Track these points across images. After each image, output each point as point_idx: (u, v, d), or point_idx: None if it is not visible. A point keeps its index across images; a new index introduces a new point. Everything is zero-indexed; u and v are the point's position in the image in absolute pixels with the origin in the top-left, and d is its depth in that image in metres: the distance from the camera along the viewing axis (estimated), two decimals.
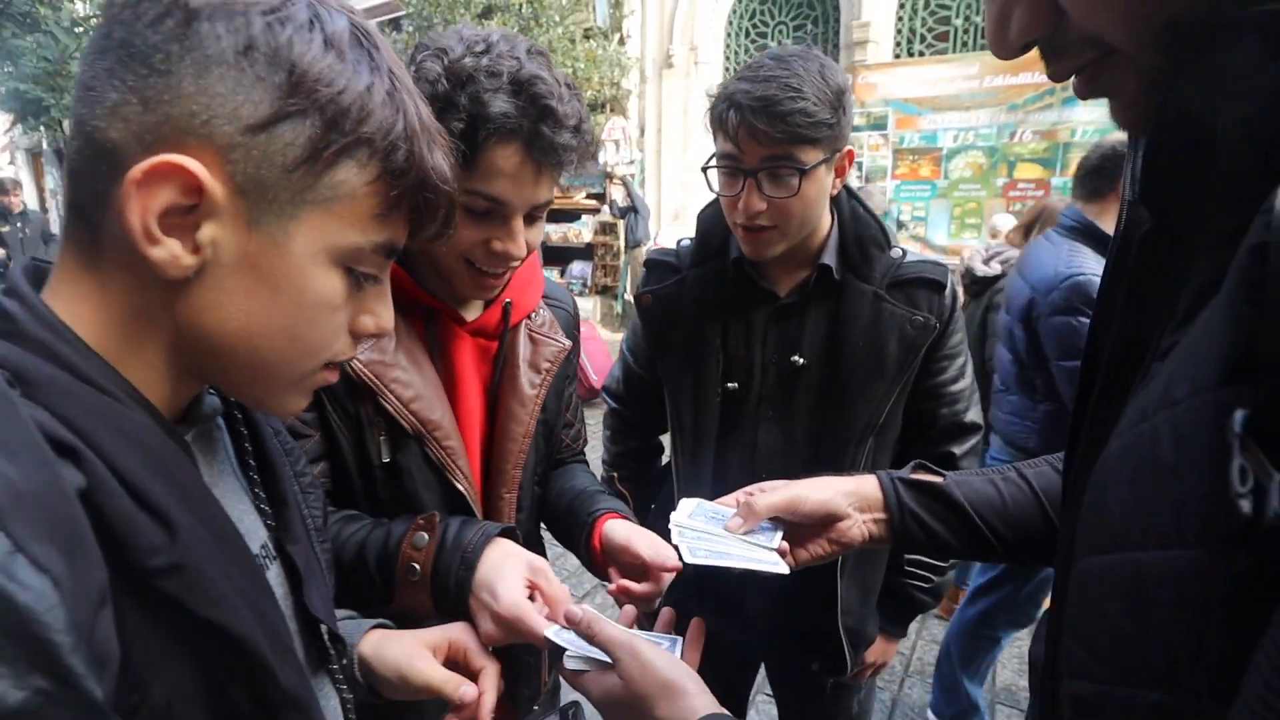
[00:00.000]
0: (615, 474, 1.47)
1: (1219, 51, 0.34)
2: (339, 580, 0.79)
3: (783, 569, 0.85)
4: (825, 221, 1.20)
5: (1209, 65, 0.35)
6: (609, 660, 0.68)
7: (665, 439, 1.54)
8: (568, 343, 1.07)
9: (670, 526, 0.89)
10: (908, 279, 1.18)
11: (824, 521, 0.87)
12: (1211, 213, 0.37)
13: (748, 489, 0.93)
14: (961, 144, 7.68)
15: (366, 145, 0.47)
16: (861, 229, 1.21)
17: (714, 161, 1.14)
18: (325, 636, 0.64)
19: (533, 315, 1.06)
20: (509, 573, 0.80)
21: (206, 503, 0.48)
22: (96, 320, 0.46)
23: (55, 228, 7.35)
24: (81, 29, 5.61)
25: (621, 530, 0.94)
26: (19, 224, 7.12)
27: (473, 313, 0.99)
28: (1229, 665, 0.28)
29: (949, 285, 1.19)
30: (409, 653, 0.76)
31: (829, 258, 1.19)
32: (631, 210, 8.41)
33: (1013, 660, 2.85)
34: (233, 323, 0.47)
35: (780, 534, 0.88)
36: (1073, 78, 0.44)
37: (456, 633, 0.79)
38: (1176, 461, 0.32)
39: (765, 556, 0.86)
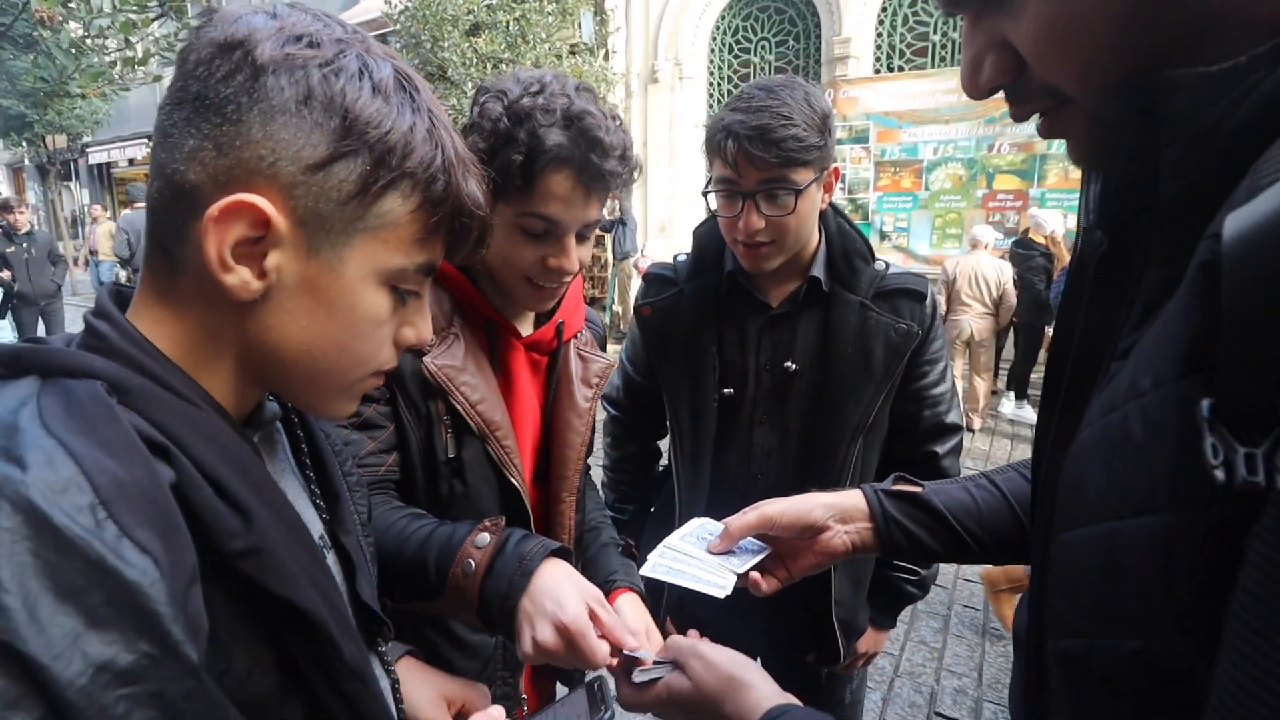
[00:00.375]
0: (616, 493, 1.56)
1: (1159, 106, 0.41)
2: (395, 570, 0.84)
3: (720, 593, 0.85)
4: (814, 237, 1.28)
5: (1150, 117, 0.42)
6: (671, 667, 0.72)
7: (663, 444, 1.61)
8: (611, 359, 1.17)
9: (661, 545, 0.95)
10: (891, 290, 1.27)
11: (804, 535, 0.91)
12: (1155, 237, 0.45)
13: (743, 511, 0.94)
14: (942, 156, 7.85)
15: (410, 178, 0.52)
16: (848, 243, 1.29)
17: (712, 186, 1.22)
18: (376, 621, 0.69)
19: (578, 335, 1.16)
20: (572, 589, 0.80)
21: (275, 495, 0.54)
22: (175, 337, 0.52)
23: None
24: (78, 51, 5.62)
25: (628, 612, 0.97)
26: (24, 244, 6.95)
27: (527, 328, 1.08)
28: (1196, 606, 0.35)
29: (929, 295, 1.28)
30: (428, 699, 0.81)
31: (818, 270, 1.27)
32: (619, 223, 8.50)
33: (999, 659, 2.92)
34: (294, 338, 0.53)
35: (759, 557, 0.92)
36: (1035, 118, 0.51)
37: (473, 693, 0.85)
38: (1145, 442, 0.39)
39: (717, 578, 0.87)
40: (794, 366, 1.28)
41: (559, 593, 0.78)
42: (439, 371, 0.95)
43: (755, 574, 0.91)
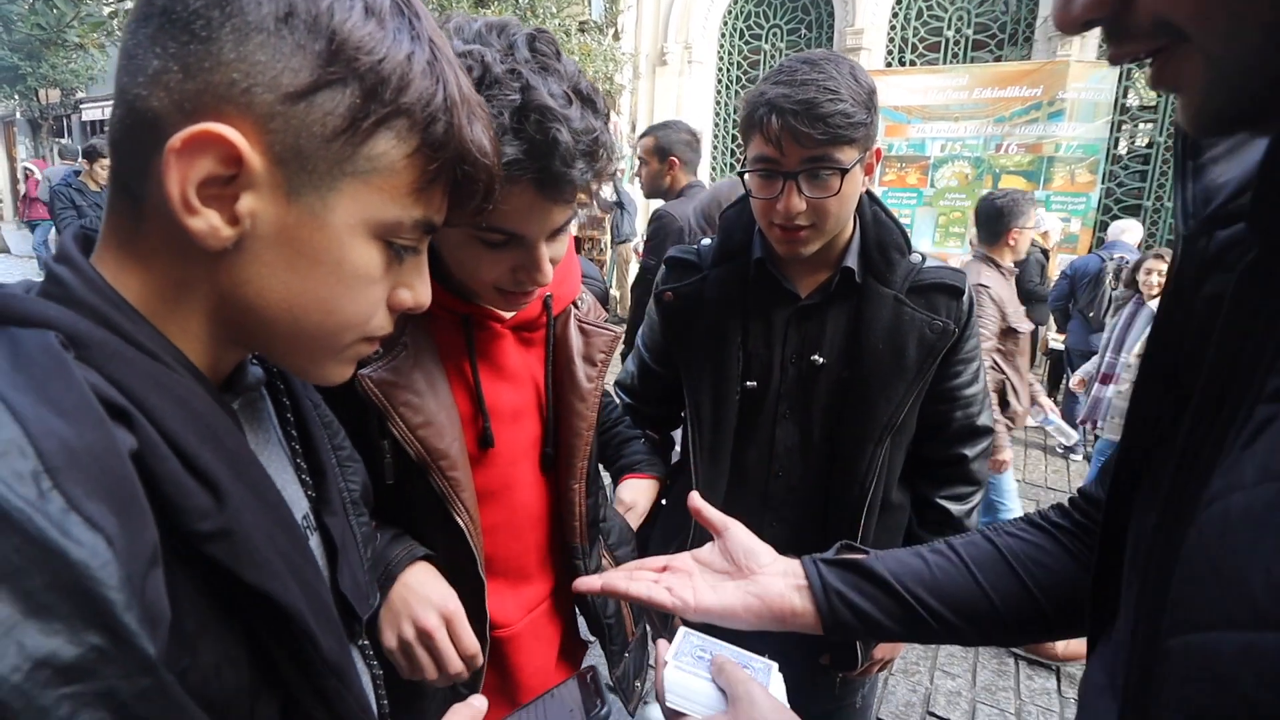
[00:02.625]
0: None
1: None
2: None
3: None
4: (850, 224, 1.22)
5: None
6: (711, 706, 0.67)
7: (675, 434, 1.56)
8: (618, 330, 1.06)
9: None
10: (927, 284, 1.21)
11: (732, 569, 0.80)
12: None
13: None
14: (949, 154, 7.78)
15: (406, 116, 0.46)
16: (884, 234, 1.23)
17: (749, 165, 1.15)
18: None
19: (578, 303, 1.05)
20: (435, 593, 0.87)
21: (254, 470, 0.48)
22: (141, 289, 0.45)
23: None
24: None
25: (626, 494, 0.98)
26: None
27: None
28: None
29: (967, 292, 1.22)
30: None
31: (851, 260, 1.21)
32: (617, 205, 8.40)
33: (992, 660, 2.91)
34: (273, 295, 0.47)
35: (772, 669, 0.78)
36: (1146, 65, 0.41)
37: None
38: None
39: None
40: (821, 360, 1.23)
41: (426, 586, 0.87)
42: (374, 388, 0.84)
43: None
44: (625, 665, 1.19)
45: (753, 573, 0.79)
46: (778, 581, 0.78)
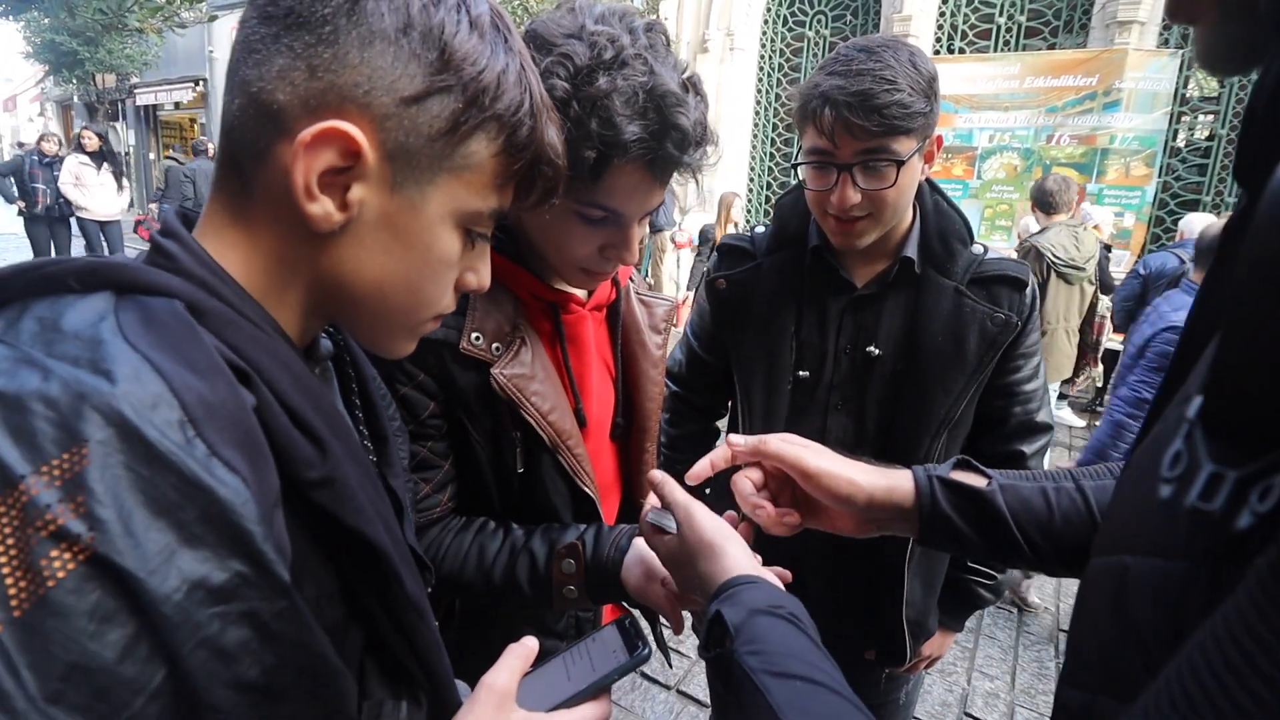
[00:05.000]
0: (670, 472, 1.48)
1: None
2: (491, 593, 0.93)
3: None
4: (909, 213, 1.19)
5: None
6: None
7: (721, 424, 1.55)
8: (673, 299, 1.13)
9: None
10: (989, 276, 1.18)
11: (829, 500, 0.79)
12: None
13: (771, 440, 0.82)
14: (997, 144, 7.58)
15: (497, 120, 0.51)
16: (945, 223, 1.20)
17: (803, 156, 1.13)
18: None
19: (632, 277, 1.10)
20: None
21: (344, 426, 0.52)
22: (247, 263, 0.50)
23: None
24: None
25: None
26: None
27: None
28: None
29: (1030, 284, 1.19)
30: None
31: (911, 250, 1.18)
32: None
33: (1031, 664, 2.86)
34: (367, 274, 0.52)
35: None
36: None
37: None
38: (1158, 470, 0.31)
39: None
40: (877, 351, 1.20)
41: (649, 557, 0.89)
42: (509, 383, 0.89)
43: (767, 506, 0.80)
44: (659, 631, 1.23)
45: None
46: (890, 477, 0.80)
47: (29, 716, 0.32)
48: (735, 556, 0.67)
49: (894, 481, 0.79)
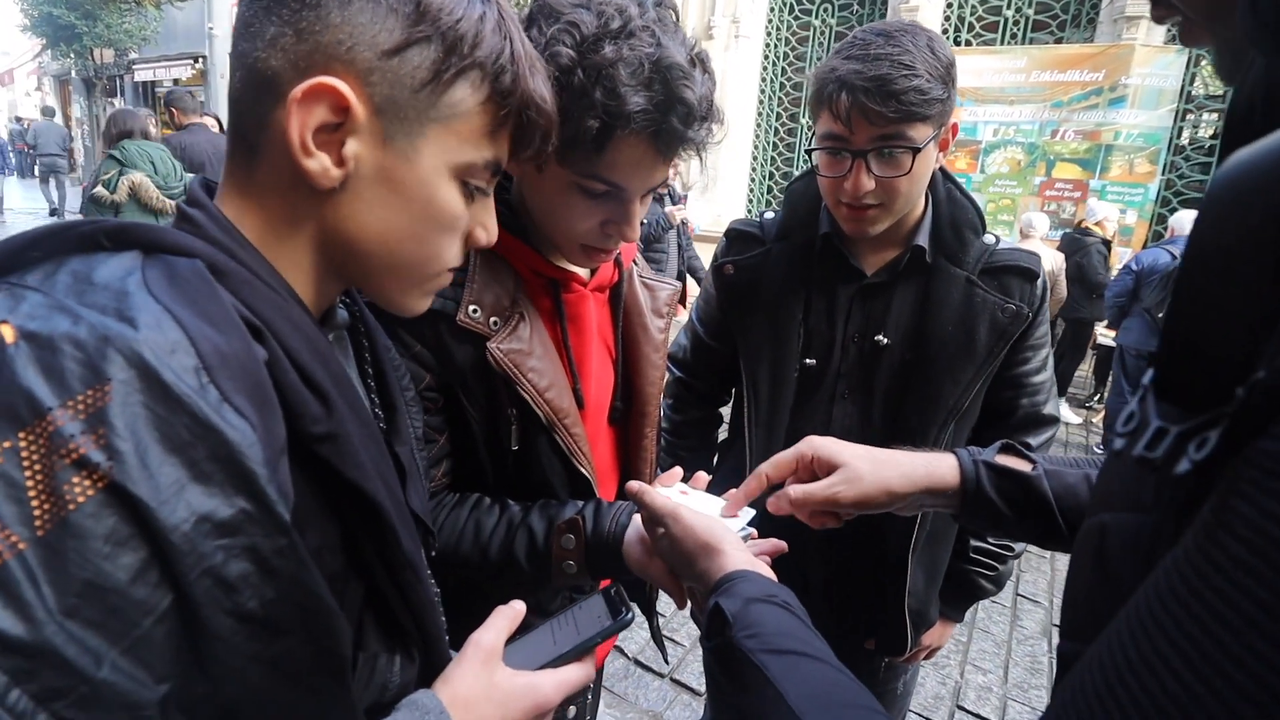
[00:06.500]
0: (673, 458, 1.47)
1: None
2: (487, 568, 0.93)
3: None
4: (921, 201, 1.18)
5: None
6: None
7: (724, 410, 1.53)
8: (677, 284, 1.13)
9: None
10: (1000, 266, 1.17)
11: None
12: None
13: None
14: (1001, 138, 7.54)
15: (479, 68, 0.53)
16: (958, 212, 1.19)
17: (817, 142, 1.12)
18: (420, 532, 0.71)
19: (635, 260, 1.08)
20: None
21: (350, 388, 0.55)
22: (258, 227, 0.53)
23: (79, 154, 7.27)
24: None
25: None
26: None
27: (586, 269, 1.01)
28: None
29: (1041, 276, 1.18)
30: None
31: (922, 239, 1.17)
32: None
33: (1025, 658, 2.87)
34: (371, 228, 0.54)
35: (747, 518, 0.84)
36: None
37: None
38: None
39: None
40: (885, 340, 1.19)
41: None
42: (505, 358, 0.87)
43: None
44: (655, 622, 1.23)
45: None
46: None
47: (46, 626, 0.35)
48: (729, 554, 0.70)
49: (933, 468, 0.82)
